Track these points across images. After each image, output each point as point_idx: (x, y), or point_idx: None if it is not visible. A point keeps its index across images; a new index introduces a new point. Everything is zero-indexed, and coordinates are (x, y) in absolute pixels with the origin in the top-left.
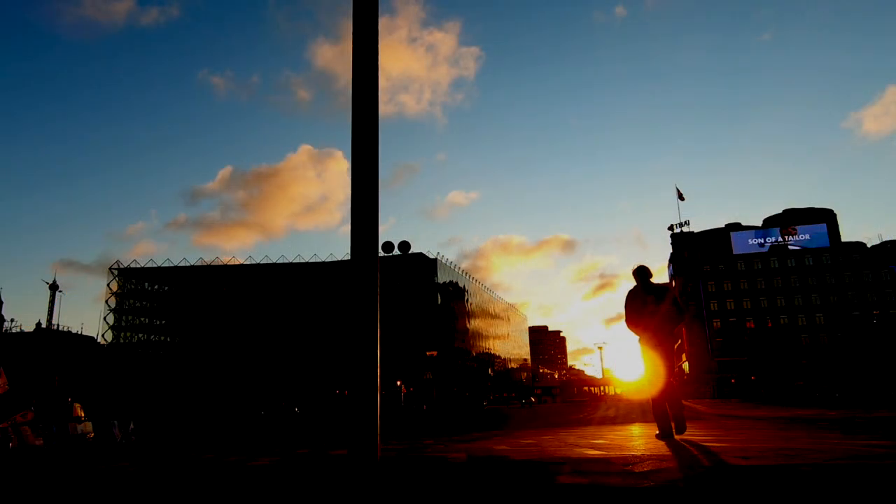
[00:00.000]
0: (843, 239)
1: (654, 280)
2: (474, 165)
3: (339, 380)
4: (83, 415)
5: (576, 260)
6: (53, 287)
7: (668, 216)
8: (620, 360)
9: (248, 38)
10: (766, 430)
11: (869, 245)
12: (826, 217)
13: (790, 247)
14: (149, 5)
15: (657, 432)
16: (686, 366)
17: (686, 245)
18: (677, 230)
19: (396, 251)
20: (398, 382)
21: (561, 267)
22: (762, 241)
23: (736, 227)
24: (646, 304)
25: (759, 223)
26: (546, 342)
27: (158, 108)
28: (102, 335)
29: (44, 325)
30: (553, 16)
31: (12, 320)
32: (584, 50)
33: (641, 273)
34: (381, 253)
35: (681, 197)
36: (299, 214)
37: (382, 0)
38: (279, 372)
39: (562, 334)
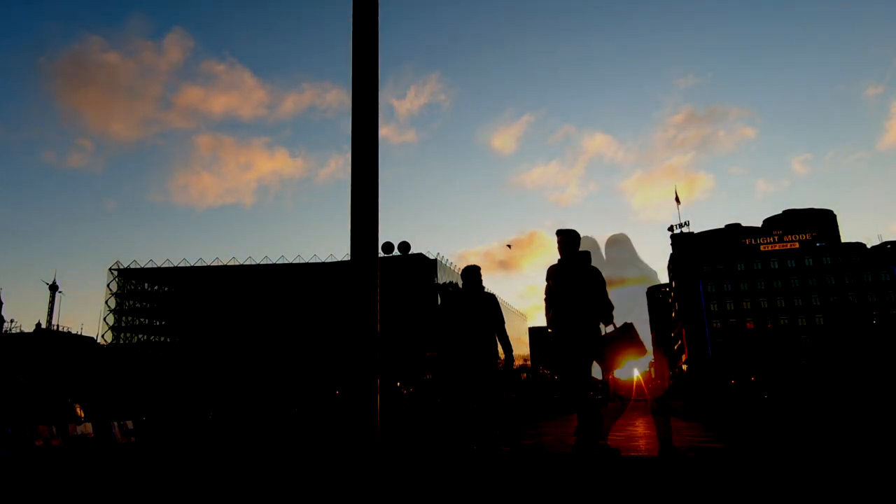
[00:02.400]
0: (843, 239)
1: (658, 281)
2: (475, 166)
3: (339, 380)
4: (83, 415)
5: None
6: (53, 287)
7: (668, 217)
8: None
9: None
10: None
11: (869, 245)
12: (826, 218)
13: (790, 247)
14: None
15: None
16: (685, 367)
17: (686, 246)
18: (677, 231)
19: (396, 251)
20: (398, 384)
21: None
22: (762, 241)
23: (736, 227)
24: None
25: (759, 224)
26: (546, 342)
27: (158, 107)
28: (102, 336)
29: (44, 326)
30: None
31: (12, 321)
32: (584, 49)
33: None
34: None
35: (677, 200)
36: None
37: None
38: (279, 372)
39: None
